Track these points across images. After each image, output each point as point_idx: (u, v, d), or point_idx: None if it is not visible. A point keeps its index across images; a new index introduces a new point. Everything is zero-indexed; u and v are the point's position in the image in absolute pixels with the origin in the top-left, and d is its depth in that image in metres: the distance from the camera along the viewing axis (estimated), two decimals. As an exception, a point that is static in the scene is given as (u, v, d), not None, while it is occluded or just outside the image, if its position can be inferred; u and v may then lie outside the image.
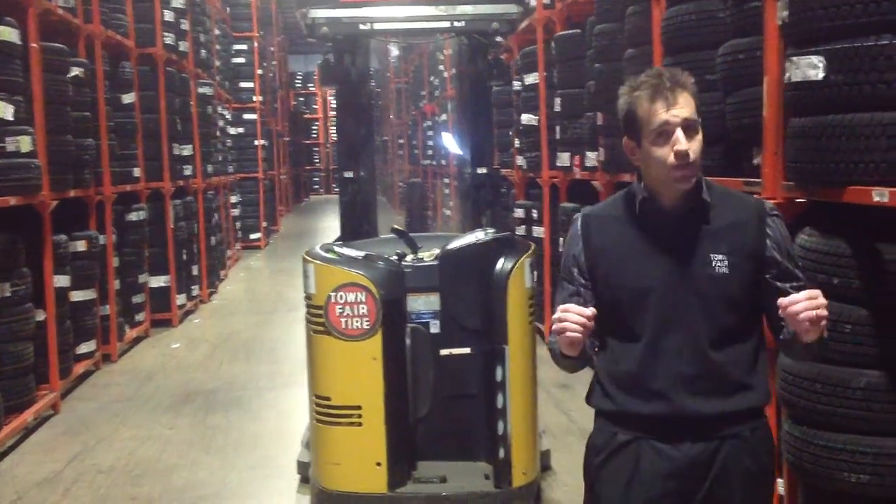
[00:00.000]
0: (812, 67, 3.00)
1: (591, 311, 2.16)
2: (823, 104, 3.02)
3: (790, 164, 3.28)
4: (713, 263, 2.22)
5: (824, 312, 2.08)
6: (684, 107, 2.18)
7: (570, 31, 7.28)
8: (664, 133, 2.18)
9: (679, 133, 2.17)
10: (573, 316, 2.15)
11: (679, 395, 2.23)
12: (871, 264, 3.04)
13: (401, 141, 24.69)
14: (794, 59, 3.10)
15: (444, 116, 15.90)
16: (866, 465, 3.05)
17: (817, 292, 2.09)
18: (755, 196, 2.36)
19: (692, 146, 2.18)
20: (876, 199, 2.81)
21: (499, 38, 4.81)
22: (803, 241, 3.23)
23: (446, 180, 16.38)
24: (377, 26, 4.50)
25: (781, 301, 2.09)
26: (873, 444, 3.06)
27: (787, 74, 3.17)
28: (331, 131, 34.98)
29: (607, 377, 2.32)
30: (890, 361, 2.92)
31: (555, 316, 2.19)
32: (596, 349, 2.35)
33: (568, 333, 2.15)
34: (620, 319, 2.29)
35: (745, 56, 3.84)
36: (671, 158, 2.18)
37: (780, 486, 3.55)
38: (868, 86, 2.87)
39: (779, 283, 2.26)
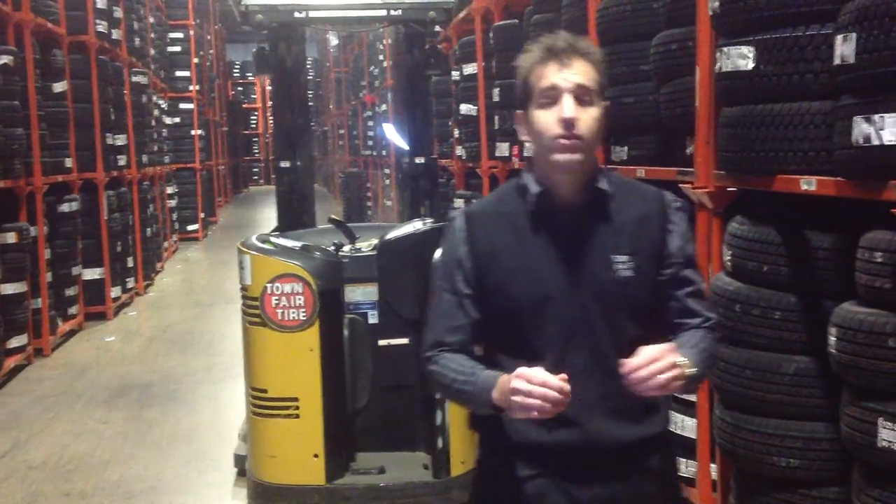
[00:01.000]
0: (742, 57, 3.04)
1: (565, 385, 1.78)
2: (753, 94, 3.06)
3: (722, 154, 3.32)
4: (615, 266, 1.96)
5: (672, 374, 1.79)
6: (579, 73, 1.92)
7: (508, 22, 7.28)
8: (552, 98, 1.92)
9: (567, 98, 1.90)
10: (544, 391, 1.76)
11: (589, 419, 1.95)
12: (800, 252, 3.09)
13: (341, 131, 24.54)
14: (725, 49, 3.14)
15: (384, 107, 15.85)
16: (795, 449, 3.11)
17: (663, 349, 1.80)
18: (655, 187, 2.11)
19: (582, 117, 1.91)
20: (804, 187, 2.86)
21: (437, 28, 4.80)
22: (734, 230, 3.28)
23: (387, 171, 16.34)
24: (313, 14, 4.46)
25: (623, 366, 1.80)
26: (802, 429, 3.12)
27: (719, 64, 3.21)
28: (270, 121, 34.65)
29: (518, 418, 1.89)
30: (818, 347, 2.97)
31: (515, 384, 1.78)
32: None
33: (535, 414, 1.78)
34: (515, 334, 1.98)
35: (678, 46, 3.88)
36: (555, 128, 1.91)
37: (713, 470, 3.61)
38: (796, 76, 2.91)
39: (670, 290, 2.02)
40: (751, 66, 3.03)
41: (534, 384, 1.77)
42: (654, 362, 1.79)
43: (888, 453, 2.66)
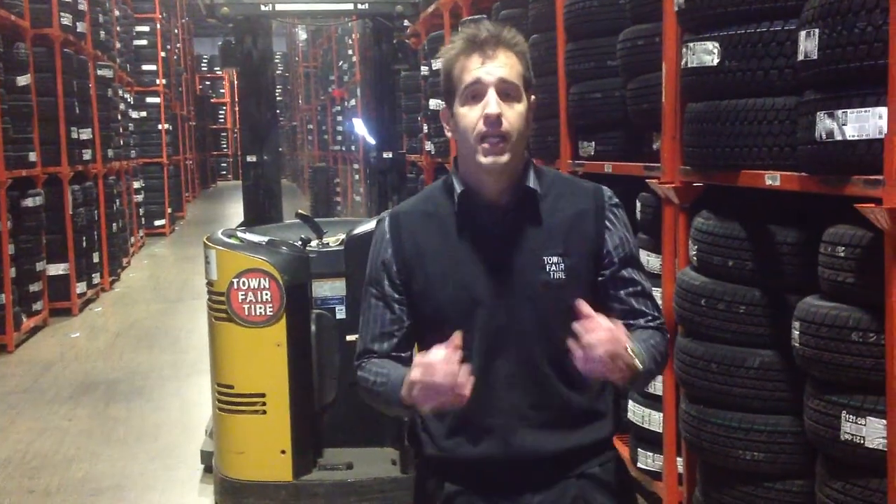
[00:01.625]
0: (707, 53, 3.06)
1: (466, 375, 1.70)
2: (718, 89, 3.08)
3: (687, 149, 3.34)
4: (547, 267, 1.86)
5: (622, 353, 1.70)
6: (504, 66, 1.81)
7: (477, 17, 7.27)
8: (476, 94, 1.81)
9: (492, 94, 1.80)
10: (442, 372, 1.68)
11: (515, 431, 1.86)
12: (765, 246, 3.12)
13: (310, 126, 24.44)
14: (691, 44, 3.16)
15: (353, 102, 15.79)
16: (760, 443, 3.13)
17: (619, 328, 1.73)
18: (592, 182, 2.03)
19: (507, 114, 1.80)
20: (768, 182, 2.88)
21: (406, 22, 4.79)
22: (700, 225, 3.30)
23: (356, 166, 16.29)
24: (279, 7, 4.43)
25: (576, 327, 1.70)
26: (767, 423, 3.15)
27: (684, 60, 3.23)
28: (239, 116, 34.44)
29: (429, 413, 1.83)
30: (782, 341, 3.00)
31: (412, 374, 1.71)
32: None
33: (440, 402, 1.70)
34: (443, 339, 1.80)
35: (645, 42, 3.90)
36: (480, 125, 1.80)
37: (679, 464, 3.64)
38: (761, 71, 2.93)
39: (612, 290, 1.93)
40: (716, 61, 3.05)
41: (429, 367, 1.69)
42: (609, 333, 1.69)
43: (851, 446, 2.69)
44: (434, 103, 8.48)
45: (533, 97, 1.90)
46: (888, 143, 2.36)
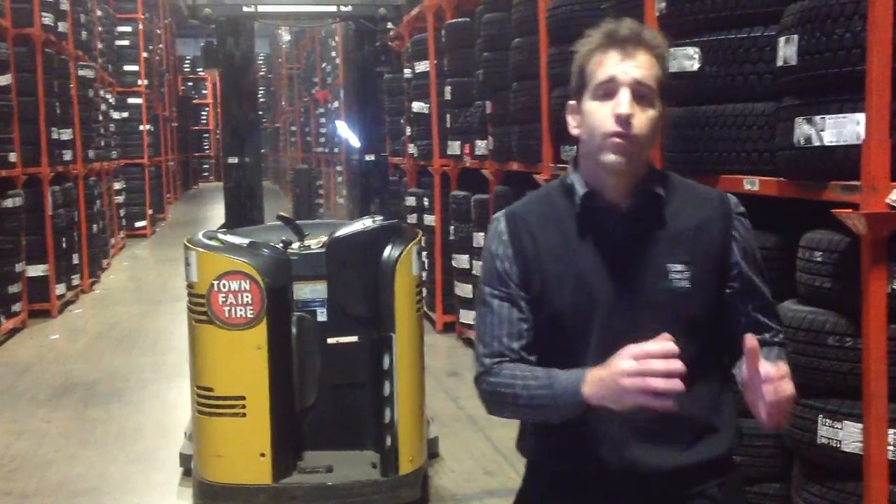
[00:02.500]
0: (688, 58, 3.08)
1: (672, 347, 1.59)
2: (698, 94, 3.10)
3: (668, 154, 3.36)
4: (670, 275, 1.79)
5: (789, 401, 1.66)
6: (641, 67, 1.74)
7: (460, 20, 7.30)
8: (609, 92, 1.75)
9: (625, 94, 1.73)
10: (658, 363, 1.58)
11: (628, 443, 1.79)
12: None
13: (293, 128, 24.40)
14: (671, 49, 3.17)
15: (336, 104, 15.78)
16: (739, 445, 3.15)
17: (785, 370, 1.66)
18: (718, 189, 1.97)
19: (639, 117, 1.73)
20: (747, 187, 2.91)
21: (389, 25, 4.79)
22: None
23: (339, 168, 16.27)
24: (262, 8, 4.42)
25: (750, 372, 1.64)
26: (744, 426, 3.14)
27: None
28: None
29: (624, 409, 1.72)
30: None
31: (623, 365, 1.61)
32: None
33: (659, 387, 1.58)
34: (559, 344, 1.82)
35: (627, 47, 3.91)
36: (609, 123, 1.74)
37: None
38: (740, 77, 2.96)
39: (738, 303, 1.85)
40: (696, 67, 3.07)
41: (647, 357, 1.58)
42: (781, 379, 1.62)
43: (827, 450, 2.71)
44: (417, 106, 8.49)
45: (665, 106, 1.82)
46: (865, 149, 2.39)
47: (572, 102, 1.86)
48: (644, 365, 1.59)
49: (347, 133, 4.95)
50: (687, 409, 1.71)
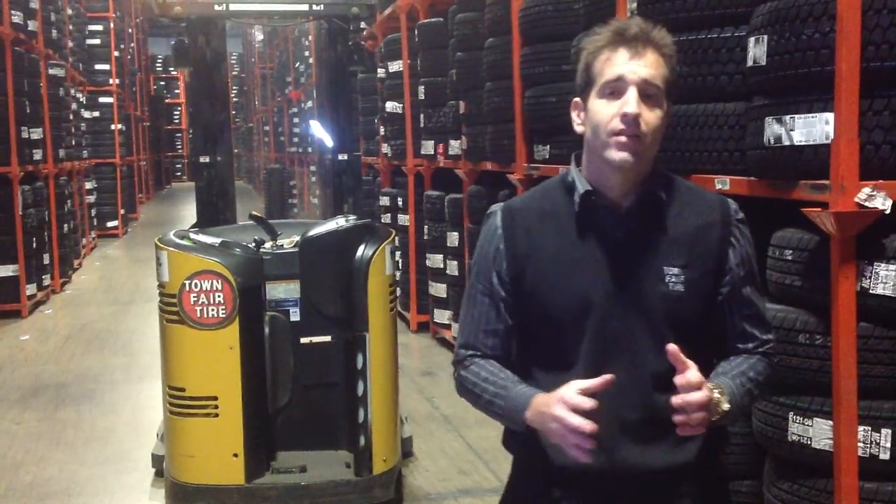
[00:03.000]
0: (659, 58, 3.09)
1: (590, 402, 1.64)
2: (670, 94, 3.11)
3: (640, 153, 3.37)
4: (667, 278, 1.78)
5: (702, 414, 1.65)
6: (650, 67, 1.74)
7: (434, 20, 7.30)
8: (616, 91, 1.74)
9: (632, 92, 1.72)
10: (570, 436, 1.65)
11: (619, 443, 1.79)
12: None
13: (267, 128, 24.29)
14: (644, 50, 3.19)
15: (310, 103, 15.73)
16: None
17: (697, 379, 1.66)
18: (718, 193, 1.96)
19: (646, 116, 1.73)
20: (718, 186, 2.92)
21: (363, 25, 4.78)
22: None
23: (313, 168, 16.22)
24: (233, 7, 4.40)
25: (679, 382, 1.65)
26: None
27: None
28: (194, 117, 34.04)
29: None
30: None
31: (558, 412, 1.65)
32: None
33: (573, 447, 1.65)
34: (550, 344, 1.84)
35: (599, 47, 3.92)
36: (615, 122, 1.73)
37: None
38: (711, 77, 2.98)
39: (727, 311, 1.86)
40: (668, 66, 3.08)
41: (574, 414, 1.63)
42: (702, 394, 1.64)
43: (798, 447, 2.73)
44: (391, 106, 8.48)
45: (671, 106, 1.83)
46: (834, 149, 2.41)
47: (577, 99, 1.85)
48: (571, 417, 1.63)
49: (320, 132, 4.93)
50: (676, 410, 1.71)
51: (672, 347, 1.66)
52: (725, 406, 1.72)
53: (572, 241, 1.82)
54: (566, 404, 1.65)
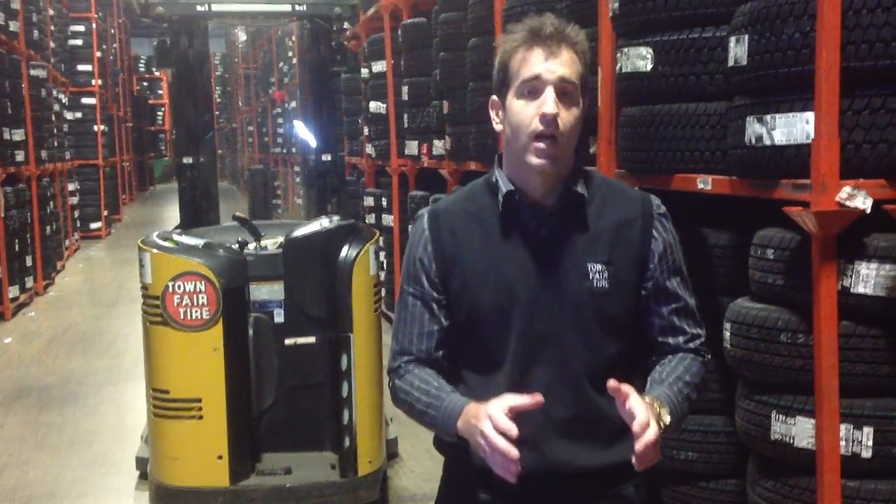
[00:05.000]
0: (641, 58, 3.10)
1: (512, 430, 1.61)
2: (652, 94, 3.12)
3: (622, 153, 3.38)
4: (591, 275, 1.79)
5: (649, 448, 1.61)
6: (566, 65, 1.75)
7: (417, 20, 7.29)
8: (534, 91, 1.75)
9: (550, 93, 1.73)
10: (495, 456, 1.63)
11: (550, 442, 1.78)
12: (697, 249, 3.17)
13: (250, 128, 24.22)
14: (625, 50, 3.20)
15: (293, 104, 15.69)
16: (694, 443, 3.19)
17: (645, 419, 1.61)
18: (640, 190, 1.98)
19: (563, 115, 1.74)
20: (700, 185, 2.93)
21: (346, 25, 4.77)
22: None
23: (297, 168, 16.18)
24: (215, 7, 4.38)
25: (630, 409, 1.62)
26: (700, 423, 3.20)
27: (619, 65, 3.27)
28: (177, 117, 33.85)
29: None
30: (714, 343, 3.05)
31: (485, 429, 1.62)
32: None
33: (484, 456, 1.65)
34: (478, 345, 1.84)
35: (582, 47, 3.93)
36: (535, 124, 1.74)
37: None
38: (693, 77, 2.99)
39: (652, 304, 1.86)
40: (649, 67, 3.09)
41: (500, 438, 1.60)
42: (646, 429, 1.60)
43: (781, 445, 2.74)
44: (374, 106, 8.47)
45: (587, 101, 1.84)
46: (815, 148, 2.42)
47: (495, 98, 1.86)
48: (495, 437, 1.60)
49: (304, 133, 4.92)
50: (607, 408, 1.72)
51: (612, 384, 1.64)
52: (667, 419, 1.72)
53: (497, 241, 1.83)
54: (494, 425, 1.62)
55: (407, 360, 1.89)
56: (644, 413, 1.61)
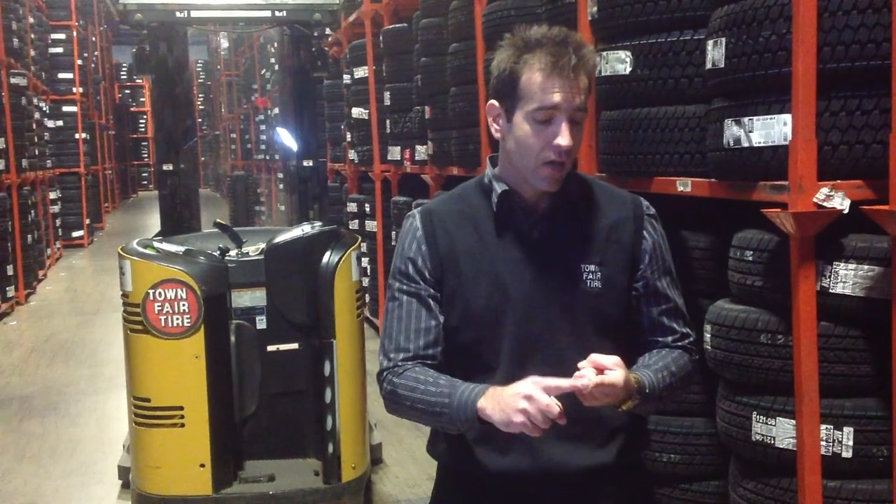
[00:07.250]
0: (620, 62, 3.11)
1: (557, 408, 1.62)
2: (631, 98, 3.13)
3: (603, 156, 3.39)
4: (584, 276, 1.81)
5: (607, 394, 1.65)
6: (582, 93, 1.75)
7: (398, 26, 7.29)
8: (549, 119, 1.74)
9: (564, 124, 1.74)
10: (539, 414, 1.61)
11: (544, 442, 1.76)
12: (676, 252, 3.16)
13: (233, 135, 24.16)
14: (604, 53, 3.21)
15: (276, 110, 15.66)
16: (676, 444, 3.19)
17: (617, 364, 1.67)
18: (630, 192, 1.99)
19: (574, 141, 1.76)
20: (680, 188, 2.94)
21: (328, 31, 4.78)
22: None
23: (280, 175, 16.15)
24: (194, 14, 4.37)
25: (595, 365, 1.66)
26: (682, 425, 3.20)
27: (598, 69, 3.27)
28: (160, 125, 33.73)
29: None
30: (698, 345, 3.06)
31: (521, 405, 1.61)
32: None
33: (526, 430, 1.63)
34: (471, 346, 1.83)
35: (562, 51, 3.94)
36: (546, 152, 1.75)
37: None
38: (671, 80, 3.00)
39: (642, 305, 1.88)
40: (628, 70, 3.10)
41: (541, 408, 1.60)
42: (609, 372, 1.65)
43: (762, 446, 2.75)
44: (357, 112, 8.47)
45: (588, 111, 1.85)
46: (793, 150, 2.43)
47: (495, 104, 1.83)
48: (540, 398, 1.60)
49: (286, 139, 4.91)
50: (602, 409, 1.72)
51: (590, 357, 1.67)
52: (642, 386, 1.72)
53: (491, 242, 1.83)
54: (538, 385, 1.63)
55: (404, 357, 1.84)
56: (615, 364, 1.65)
